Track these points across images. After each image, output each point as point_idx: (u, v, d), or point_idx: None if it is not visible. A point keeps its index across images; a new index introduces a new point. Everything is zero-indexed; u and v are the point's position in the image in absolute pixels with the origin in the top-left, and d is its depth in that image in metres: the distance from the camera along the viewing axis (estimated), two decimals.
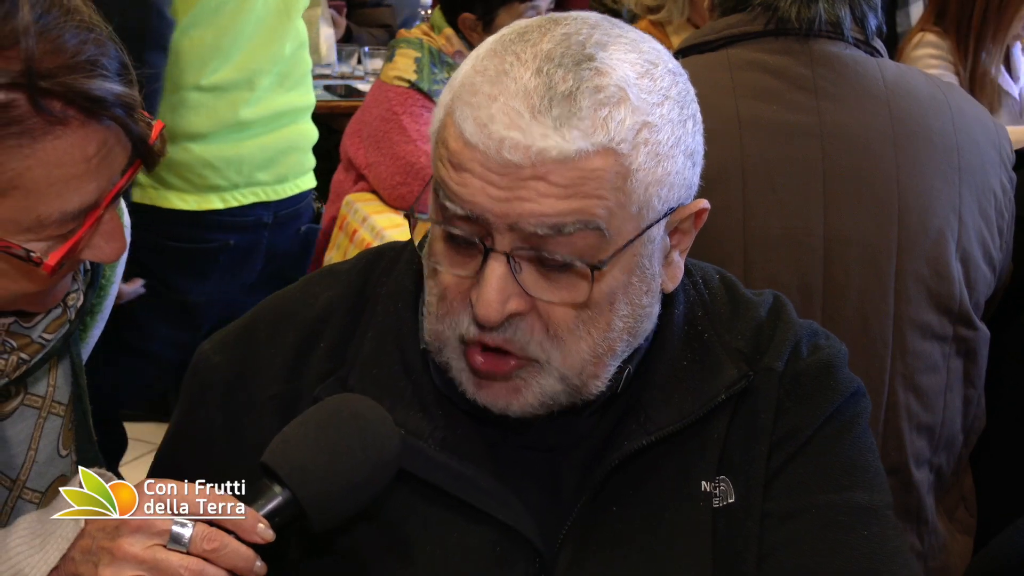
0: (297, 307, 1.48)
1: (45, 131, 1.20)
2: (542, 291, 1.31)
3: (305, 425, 1.29)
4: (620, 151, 1.27)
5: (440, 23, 3.76)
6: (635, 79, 1.30)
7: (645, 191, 1.30)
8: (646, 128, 1.29)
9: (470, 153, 1.28)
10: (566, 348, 1.33)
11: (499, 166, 1.26)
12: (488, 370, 1.34)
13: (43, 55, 1.19)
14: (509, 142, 1.25)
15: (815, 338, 1.50)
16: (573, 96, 1.26)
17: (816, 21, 2.13)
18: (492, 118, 1.26)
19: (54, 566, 1.25)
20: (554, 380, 1.35)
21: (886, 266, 2.09)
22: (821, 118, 2.10)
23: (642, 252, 1.34)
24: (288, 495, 1.25)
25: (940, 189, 2.12)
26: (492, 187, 1.27)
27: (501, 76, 1.28)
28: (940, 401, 2.17)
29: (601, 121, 1.26)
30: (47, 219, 1.24)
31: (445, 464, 1.39)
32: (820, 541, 1.40)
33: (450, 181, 1.30)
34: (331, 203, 3.92)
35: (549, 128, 1.25)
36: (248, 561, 1.22)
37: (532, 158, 1.25)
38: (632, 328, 1.37)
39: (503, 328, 1.32)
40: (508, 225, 1.27)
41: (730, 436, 1.44)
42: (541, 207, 1.26)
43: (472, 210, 1.28)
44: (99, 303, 1.57)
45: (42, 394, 1.48)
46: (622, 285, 1.33)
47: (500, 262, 1.29)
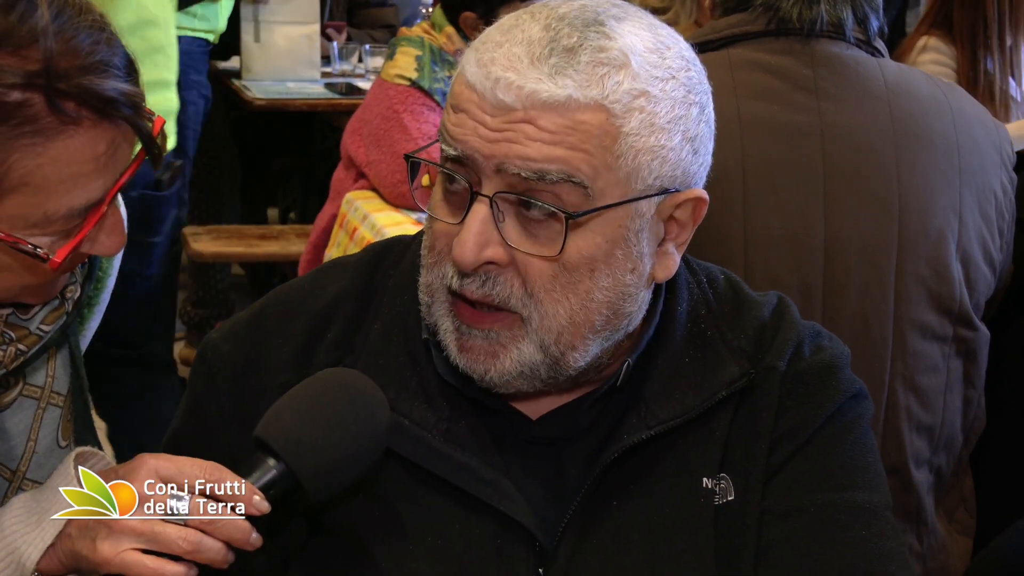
0: (306, 297, 1.49)
1: (58, 131, 1.22)
2: (520, 242, 1.33)
3: (297, 398, 1.31)
4: (612, 110, 1.31)
5: (441, 21, 3.76)
6: (642, 51, 1.33)
7: (635, 158, 1.32)
8: (644, 96, 1.32)
9: (468, 93, 1.33)
10: (543, 308, 1.35)
11: (492, 107, 1.31)
12: (469, 321, 1.36)
13: (59, 56, 1.21)
14: (504, 82, 1.30)
15: (818, 339, 1.51)
16: (574, 51, 1.31)
17: (818, 22, 2.13)
18: (493, 60, 1.32)
19: (51, 543, 1.26)
20: (533, 348, 1.36)
21: (886, 266, 2.09)
22: (822, 118, 2.10)
23: (628, 225, 1.35)
24: (283, 467, 1.26)
25: (940, 190, 2.12)
26: (483, 127, 1.31)
27: (512, 28, 1.34)
28: (940, 401, 2.17)
29: (597, 78, 1.30)
30: (54, 215, 1.26)
31: (448, 455, 1.40)
32: (818, 540, 1.40)
33: (448, 123, 1.35)
34: (331, 201, 3.92)
35: (544, 74, 1.30)
36: (244, 533, 1.24)
37: (523, 100, 1.29)
38: (613, 304, 1.37)
39: (482, 280, 1.34)
40: (495, 166, 1.31)
41: (732, 434, 1.44)
42: (527, 149, 1.30)
43: (463, 150, 1.32)
44: (96, 295, 1.58)
45: (41, 384, 1.48)
46: (603, 253, 1.34)
47: (483, 205, 1.32)
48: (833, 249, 2.08)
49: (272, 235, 5.09)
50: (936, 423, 2.17)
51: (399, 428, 1.39)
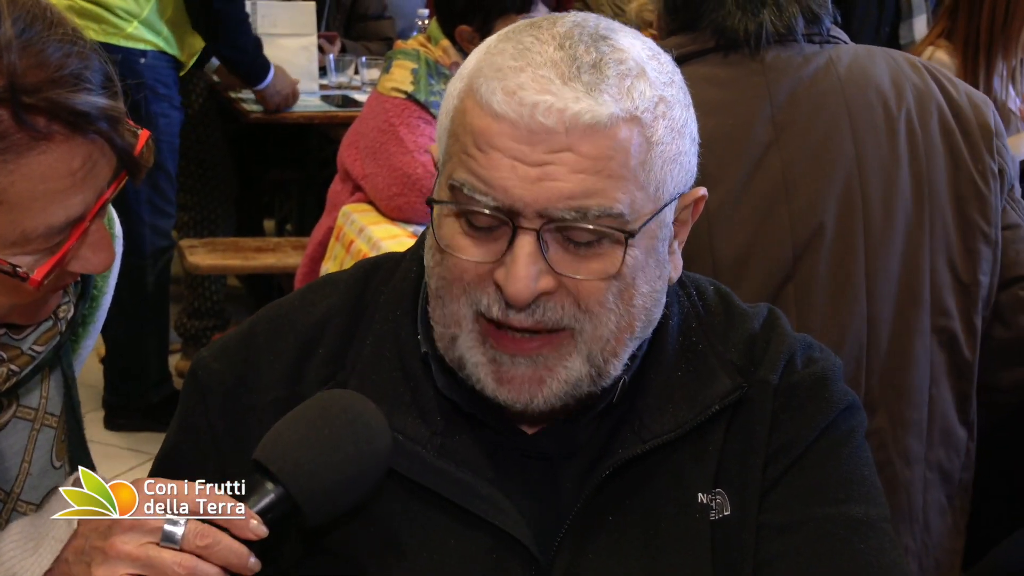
0: (296, 314, 1.49)
1: (29, 146, 1.20)
2: (570, 268, 1.32)
3: (296, 421, 1.30)
4: (643, 120, 1.31)
5: (437, 34, 3.76)
6: (648, 59, 1.35)
7: (662, 168, 1.34)
8: (663, 103, 1.34)
9: (498, 126, 1.29)
10: (597, 320, 1.34)
11: (530, 134, 1.28)
12: (512, 351, 1.34)
13: (26, 70, 1.19)
14: (543, 105, 1.27)
15: (809, 351, 1.51)
16: (598, 66, 1.30)
17: (763, 34, 2.11)
18: (522, 86, 1.29)
19: (48, 568, 1.25)
20: (581, 361, 1.35)
21: (854, 265, 2.08)
22: (777, 125, 2.09)
23: (657, 234, 1.37)
24: (281, 491, 1.25)
25: (905, 179, 2.10)
26: (522, 164, 1.28)
27: (524, 52, 1.31)
28: (924, 396, 2.15)
29: (626, 89, 1.31)
30: (32, 233, 1.25)
31: (443, 470, 1.40)
32: (817, 554, 1.40)
33: (477, 167, 1.31)
34: (327, 214, 3.92)
35: (581, 92, 1.28)
36: (241, 557, 1.23)
37: (566, 122, 1.27)
38: (649, 310, 1.39)
39: (532, 309, 1.32)
40: (537, 212, 1.29)
41: (726, 448, 1.44)
42: (570, 185, 1.28)
43: (503, 200, 1.29)
44: (91, 314, 1.57)
45: (35, 406, 1.48)
46: (642, 264, 1.36)
47: (530, 238, 1.30)
48: (801, 254, 2.07)
49: (268, 247, 5.09)
50: (923, 418, 2.15)
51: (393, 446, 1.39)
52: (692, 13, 2.16)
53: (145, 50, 4.43)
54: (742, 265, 2.06)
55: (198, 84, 5.29)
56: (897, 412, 2.14)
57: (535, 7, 3.68)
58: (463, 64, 1.38)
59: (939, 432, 2.18)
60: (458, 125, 1.33)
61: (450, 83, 1.38)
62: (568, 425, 1.44)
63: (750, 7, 2.12)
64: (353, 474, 1.28)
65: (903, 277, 2.11)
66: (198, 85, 5.30)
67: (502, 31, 1.38)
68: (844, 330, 2.08)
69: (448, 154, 1.36)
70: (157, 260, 4.64)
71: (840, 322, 2.08)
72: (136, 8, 4.39)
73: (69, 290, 1.46)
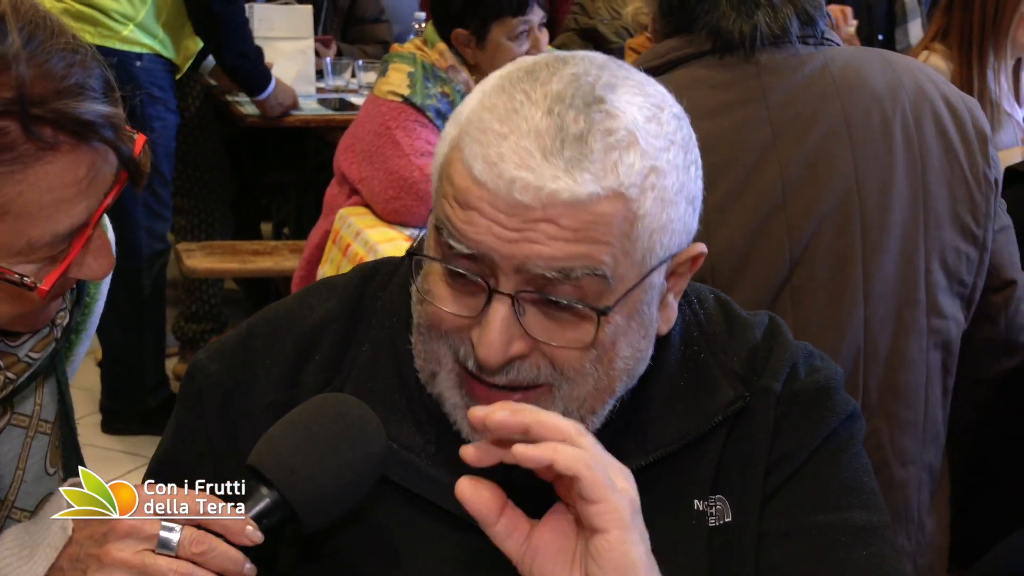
0: (293, 318, 1.49)
1: (36, 157, 1.21)
2: (545, 334, 1.31)
3: (291, 426, 1.29)
4: (629, 195, 1.27)
5: (433, 38, 3.76)
6: (643, 123, 1.30)
7: (649, 238, 1.30)
8: (654, 173, 1.29)
9: (478, 191, 1.27)
10: (573, 382, 1.34)
11: (508, 206, 1.25)
12: (487, 401, 1.31)
13: (33, 81, 1.19)
14: (520, 182, 1.24)
15: (811, 360, 1.51)
16: (584, 138, 1.26)
17: (758, 35, 2.11)
18: (502, 157, 1.26)
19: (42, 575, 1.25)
20: (557, 412, 1.33)
21: (851, 268, 2.08)
22: (774, 128, 2.08)
23: (643, 298, 1.34)
24: (276, 496, 1.25)
25: (901, 181, 2.10)
26: (499, 227, 1.26)
27: (511, 114, 1.27)
28: (921, 396, 2.15)
29: (612, 164, 1.26)
30: (38, 242, 1.25)
31: (437, 478, 1.39)
32: (819, 561, 1.40)
33: (455, 219, 1.29)
34: (324, 217, 3.92)
35: (560, 170, 1.24)
36: (237, 564, 1.22)
37: (543, 200, 1.24)
38: (631, 370, 1.38)
39: (506, 371, 1.31)
40: (515, 267, 1.27)
41: (725, 456, 1.44)
42: (550, 250, 1.26)
43: (478, 249, 1.28)
44: (84, 320, 1.57)
45: (29, 413, 1.48)
46: (623, 329, 1.34)
47: (504, 304, 1.28)
48: (798, 258, 2.07)
49: (266, 251, 5.09)
50: (919, 418, 2.16)
51: (388, 452, 1.39)
52: (687, 16, 2.16)
53: (141, 53, 4.43)
54: (740, 268, 2.06)
55: (194, 88, 5.30)
56: (894, 413, 2.15)
57: (531, 10, 3.68)
58: (461, 104, 1.35)
59: (931, 431, 2.19)
60: (445, 173, 1.32)
61: (447, 123, 1.36)
62: None
63: (744, 9, 2.12)
64: (349, 479, 1.28)
65: (900, 279, 2.11)
66: (194, 89, 5.30)
67: (500, 73, 1.34)
68: (842, 332, 2.08)
69: (436, 195, 1.35)
70: (153, 263, 4.64)
71: (838, 324, 2.08)
72: (132, 11, 4.39)
73: (66, 297, 1.46)
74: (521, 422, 1.21)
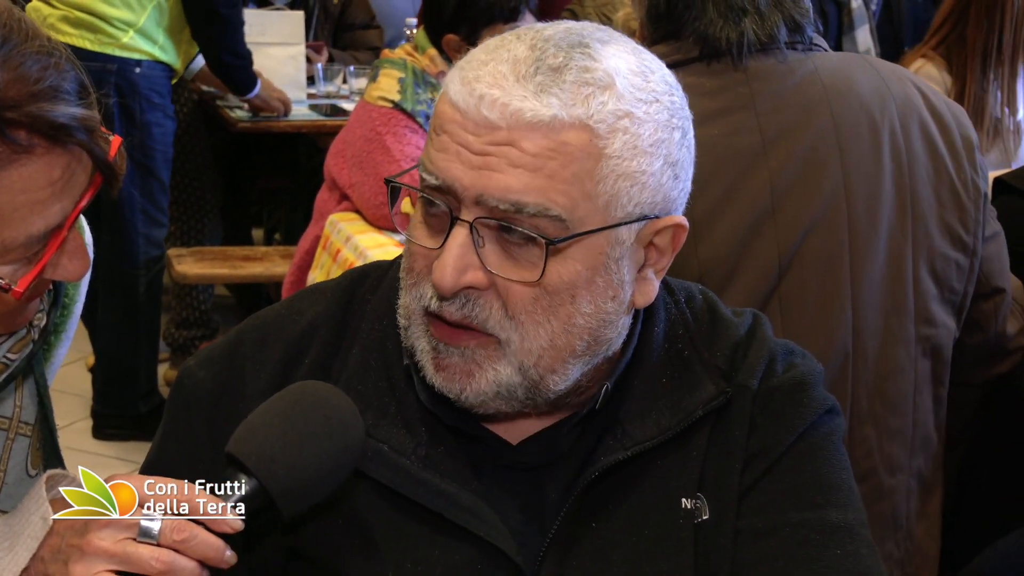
0: (283, 323, 1.49)
1: (10, 160, 1.21)
2: (500, 267, 1.33)
3: (269, 413, 1.30)
4: (596, 130, 1.30)
5: (424, 43, 3.76)
6: (627, 73, 1.34)
7: (615, 183, 1.32)
8: (628, 118, 1.32)
9: (451, 112, 1.32)
10: (524, 330, 1.34)
11: (475, 125, 1.30)
12: (446, 340, 1.36)
13: (7, 84, 1.20)
14: (488, 98, 1.29)
15: (790, 356, 1.51)
16: (559, 70, 1.31)
17: (745, 44, 2.11)
18: (478, 78, 1.31)
19: (24, 567, 1.25)
20: (512, 370, 1.36)
21: (840, 274, 2.08)
22: (764, 135, 2.09)
23: (608, 252, 1.35)
24: (255, 484, 1.26)
25: (889, 188, 2.11)
26: (466, 150, 1.30)
27: (497, 48, 1.34)
28: (909, 404, 2.15)
29: (582, 97, 1.30)
30: (12, 243, 1.25)
31: (426, 481, 1.40)
32: (793, 559, 1.40)
33: (431, 148, 1.34)
34: (315, 222, 3.92)
35: (529, 91, 1.29)
36: (218, 551, 1.23)
37: (507, 118, 1.29)
38: (594, 330, 1.37)
39: (461, 303, 1.34)
40: (474, 198, 1.30)
41: (708, 453, 1.44)
42: (507, 178, 1.29)
43: (444, 179, 1.31)
44: (63, 322, 1.57)
45: (9, 415, 1.48)
46: (584, 280, 1.35)
47: (463, 230, 1.32)
48: (787, 265, 2.07)
49: (256, 256, 5.09)
50: (907, 426, 2.16)
51: (378, 454, 1.39)
52: (675, 22, 2.17)
53: (140, 60, 4.43)
54: (729, 275, 2.07)
55: (183, 94, 5.29)
56: (883, 421, 2.15)
57: (522, 17, 3.69)
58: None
59: (920, 439, 2.19)
60: (433, 116, 1.37)
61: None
62: (550, 433, 1.44)
63: (732, 16, 2.12)
64: (328, 467, 1.29)
65: (887, 286, 2.11)
66: (183, 95, 5.29)
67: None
68: (830, 339, 2.09)
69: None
70: (150, 269, 4.63)
71: (826, 331, 2.08)
72: (132, 17, 4.39)
73: (43, 299, 1.46)
74: None
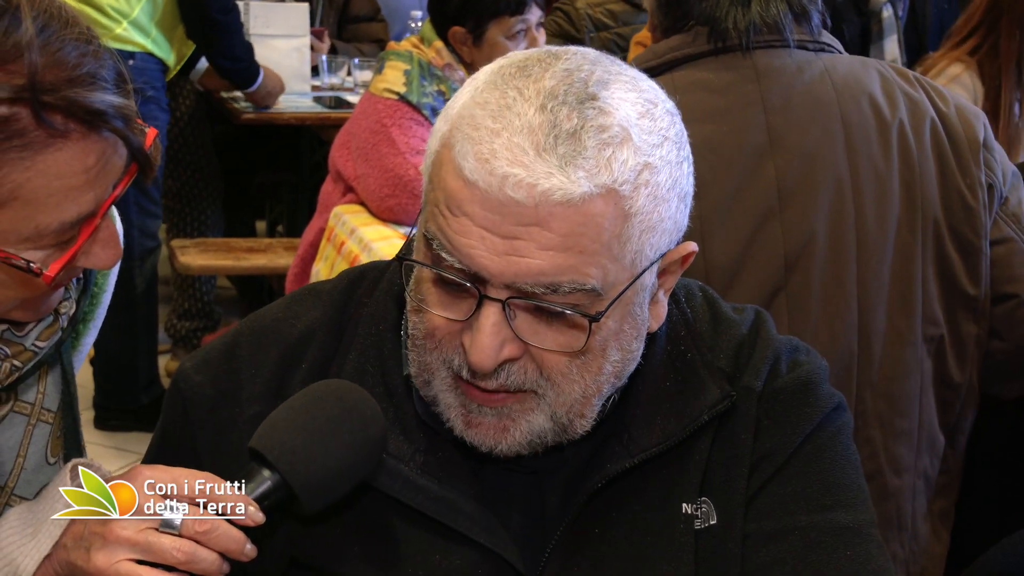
0: (279, 326, 1.48)
1: (46, 144, 1.22)
2: (536, 338, 1.31)
3: (291, 409, 1.31)
4: (622, 192, 1.27)
5: (430, 36, 3.76)
6: (636, 119, 1.29)
7: (639, 238, 1.30)
8: (647, 170, 1.29)
9: (469, 192, 1.26)
10: (559, 388, 1.33)
11: (499, 204, 1.24)
12: (480, 401, 1.34)
13: (45, 68, 1.21)
14: (512, 179, 1.23)
15: (795, 354, 1.50)
16: (578, 135, 1.25)
17: (751, 30, 2.11)
18: (495, 153, 1.24)
19: (47, 554, 1.27)
20: (544, 418, 1.35)
21: (846, 275, 2.08)
22: (771, 134, 2.08)
23: (634, 300, 1.34)
24: (277, 478, 1.27)
25: (898, 190, 2.10)
26: (491, 235, 1.25)
27: (504, 111, 1.26)
28: (915, 405, 2.15)
29: (605, 161, 1.25)
30: (46, 229, 1.26)
31: (426, 487, 1.39)
32: (803, 562, 1.39)
33: (447, 228, 1.28)
34: (319, 214, 3.92)
35: (554, 167, 1.23)
36: (239, 543, 1.24)
37: (535, 198, 1.23)
38: (620, 372, 1.38)
39: (497, 374, 1.31)
40: (505, 283, 1.27)
41: (712, 457, 1.43)
42: (539, 263, 1.25)
43: (469, 265, 1.27)
44: (91, 310, 1.57)
45: (31, 401, 1.48)
46: (614, 333, 1.34)
47: (495, 309, 1.28)
48: (793, 264, 2.07)
49: (260, 248, 5.09)
50: (913, 427, 2.15)
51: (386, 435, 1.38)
52: (683, 7, 2.17)
53: (133, 52, 4.43)
54: (735, 273, 2.06)
55: (185, 88, 5.29)
56: (888, 421, 2.14)
57: (528, 10, 3.68)
58: (452, 99, 1.34)
59: (925, 440, 2.18)
60: (435, 174, 1.31)
61: (438, 119, 1.35)
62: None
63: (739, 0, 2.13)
64: (349, 461, 1.30)
65: (895, 287, 2.11)
66: (184, 89, 5.29)
67: (491, 68, 1.33)
68: (835, 339, 2.08)
69: (427, 199, 1.34)
70: (145, 261, 4.64)
71: (832, 331, 2.08)
72: (127, 8, 4.39)
73: (71, 287, 1.47)
74: None
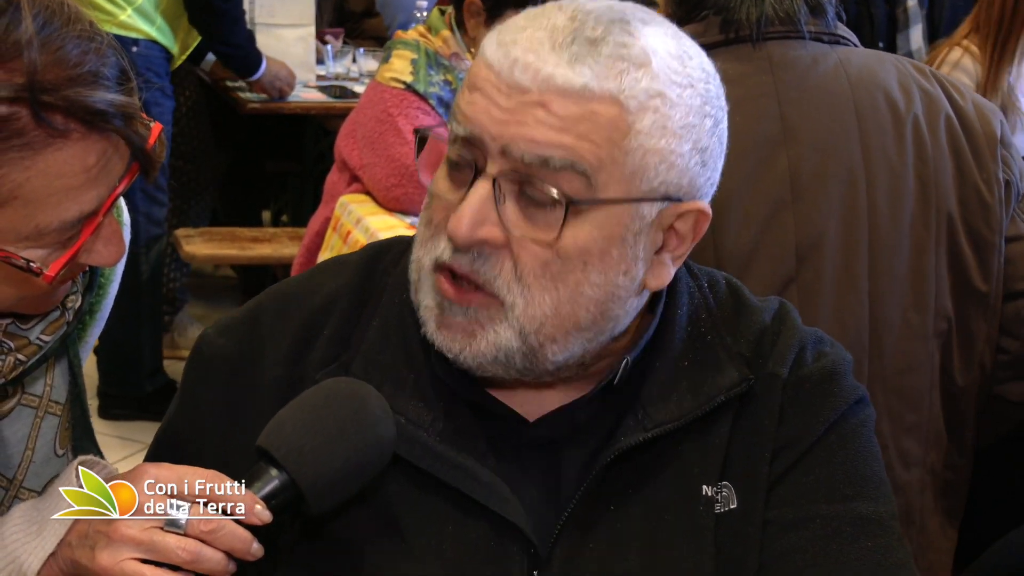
0: (303, 293, 1.49)
1: (46, 143, 1.21)
2: (517, 224, 1.33)
3: (301, 407, 1.30)
4: (626, 106, 1.30)
5: (437, 25, 3.74)
6: (664, 54, 1.34)
7: (642, 157, 1.32)
8: (660, 98, 1.32)
9: (485, 72, 1.33)
10: (530, 295, 1.34)
11: (507, 86, 1.31)
12: (451, 297, 1.36)
13: (45, 67, 1.20)
14: (522, 63, 1.30)
15: (820, 345, 1.50)
16: (596, 43, 1.31)
17: (763, 20, 2.10)
18: (514, 42, 1.32)
19: (51, 552, 1.26)
20: (512, 334, 1.35)
21: (858, 268, 2.08)
22: (785, 124, 2.08)
23: (628, 224, 1.34)
24: (285, 478, 1.26)
25: (911, 183, 2.10)
26: (495, 107, 1.31)
27: (538, 16, 1.34)
28: (925, 400, 2.14)
29: (616, 72, 1.30)
30: (46, 228, 1.25)
31: (443, 454, 1.39)
32: (823, 552, 1.39)
33: (461, 101, 1.35)
34: (325, 204, 3.91)
35: (563, 60, 1.30)
36: (245, 543, 1.23)
37: (539, 83, 1.30)
38: (601, 303, 1.36)
39: (472, 257, 1.33)
40: (500, 148, 1.31)
41: (733, 442, 1.43)
42: (534, 132, 1.30)
43: (472, 129, 1.32)
44: (98, 303, 1.57)
45: (39, 394, 1.48)
46: (599, 248, 1.34)
47: (485, 184, 1.32)
48: (804, 256, 2.07)
49: (265, 238, 5.09)
50: (923, 421, 2.15)
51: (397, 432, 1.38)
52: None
53: (137, 39, 4.44)
54: (746, 264, 2.06)
55: (188, 77, 5.28)
56: (898, 415, 2.14)
57: None
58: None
59: (934, 434, 2.18)
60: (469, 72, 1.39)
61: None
62: (569, 410, 1.44)
63: None
64: (358, 462, 1.29)
65: (908, 281, 2.10)
66: (188, 78, 5.28)
67: None
68: (846, 332, 2.07)
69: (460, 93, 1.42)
70: (150, 248, 4.64)
71: (843, 324, 2.08)
72: None
73: (77, 280, 1.46)
74: None
